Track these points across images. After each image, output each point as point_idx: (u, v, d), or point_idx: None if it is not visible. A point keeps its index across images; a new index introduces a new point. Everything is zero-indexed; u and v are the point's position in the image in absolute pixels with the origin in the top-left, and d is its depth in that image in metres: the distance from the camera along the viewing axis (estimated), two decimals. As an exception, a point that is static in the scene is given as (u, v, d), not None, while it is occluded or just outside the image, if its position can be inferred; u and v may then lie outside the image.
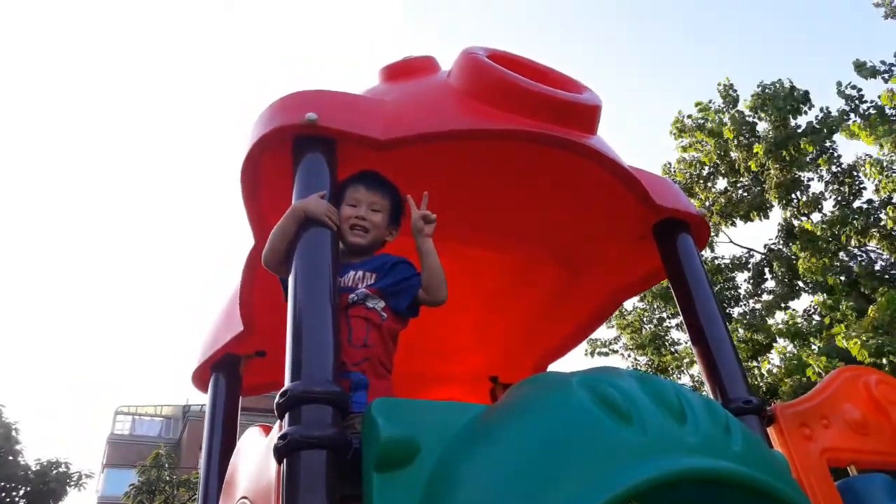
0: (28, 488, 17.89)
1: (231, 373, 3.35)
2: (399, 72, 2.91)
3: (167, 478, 19.18)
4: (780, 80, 11.65)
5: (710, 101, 12.59)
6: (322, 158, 2.30)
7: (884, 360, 8.52)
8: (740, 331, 11.74)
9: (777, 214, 12.20)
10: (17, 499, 17.86)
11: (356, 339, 2.10)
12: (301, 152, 2.32)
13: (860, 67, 10.55)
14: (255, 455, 2.17)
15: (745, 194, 12.06)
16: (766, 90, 11.54)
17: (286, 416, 1.79)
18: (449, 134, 2.41)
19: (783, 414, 2.58)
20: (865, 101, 10.85)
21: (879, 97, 10.39)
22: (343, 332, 2.04)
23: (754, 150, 11.41)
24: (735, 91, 12.25)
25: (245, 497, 2.22)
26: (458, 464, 1.66)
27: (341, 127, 2.33)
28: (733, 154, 12.13)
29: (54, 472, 17.50)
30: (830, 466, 2.53)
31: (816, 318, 11.93)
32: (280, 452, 1.72)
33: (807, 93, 11.31)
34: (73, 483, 18.20)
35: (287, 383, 1.85)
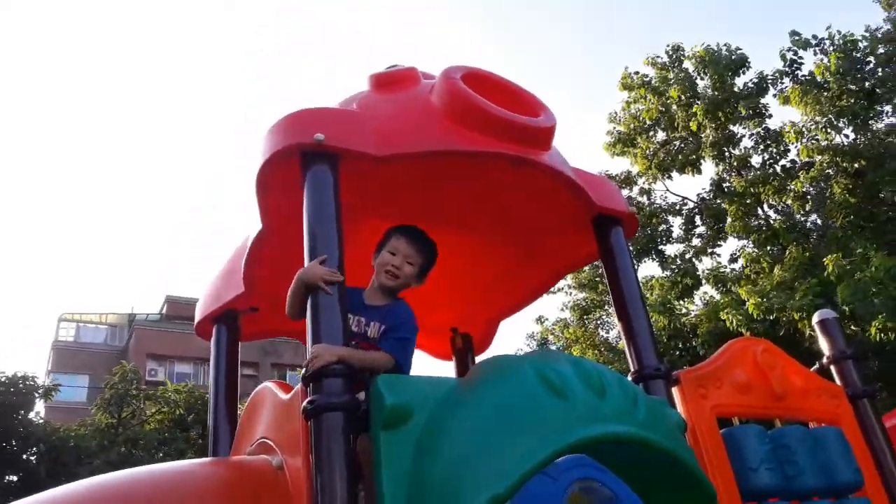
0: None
1: (231, 324, 3.90)
2: (385, 82, 3.38)
3: (134, 392, 20.08)
4: (727, 43, 12.32)
5: (656, 56, 13.21)
6: (328, 171, 2.77)
7: (772, 317, 9.65)
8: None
9: (710, 170, 13.12)
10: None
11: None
12: (308, 164, 2.78)
13: (795, 37, 11.21)
14: (277, 406, 2.77)
15: (682, 146, 12.83)
16: (712, 52, 12.16)
17: (311, 385, 2.38)
18: (431, 153, 2.97)
19: (685, 378, 3.22)
20: (802, 67, 11.58)
21: (814, 68, 11.13)
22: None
23: (693, 110, 12.11)
24: (681, 51, 12.85)
25: (266, 438, 2.84)
26: (440, 424, 2.28)
27: (344, 145, 2.81)
28: (674, 109, 12.84)
29: (21, 385, 17.89)
30: (720, 418, 3.23)
31: (741, 262, 13.02)
32: (308, 413, 2.33)
33: (745, 57, 11.97)
34: (40, 394, 18.69)
35: (310, 360, 2.44)
